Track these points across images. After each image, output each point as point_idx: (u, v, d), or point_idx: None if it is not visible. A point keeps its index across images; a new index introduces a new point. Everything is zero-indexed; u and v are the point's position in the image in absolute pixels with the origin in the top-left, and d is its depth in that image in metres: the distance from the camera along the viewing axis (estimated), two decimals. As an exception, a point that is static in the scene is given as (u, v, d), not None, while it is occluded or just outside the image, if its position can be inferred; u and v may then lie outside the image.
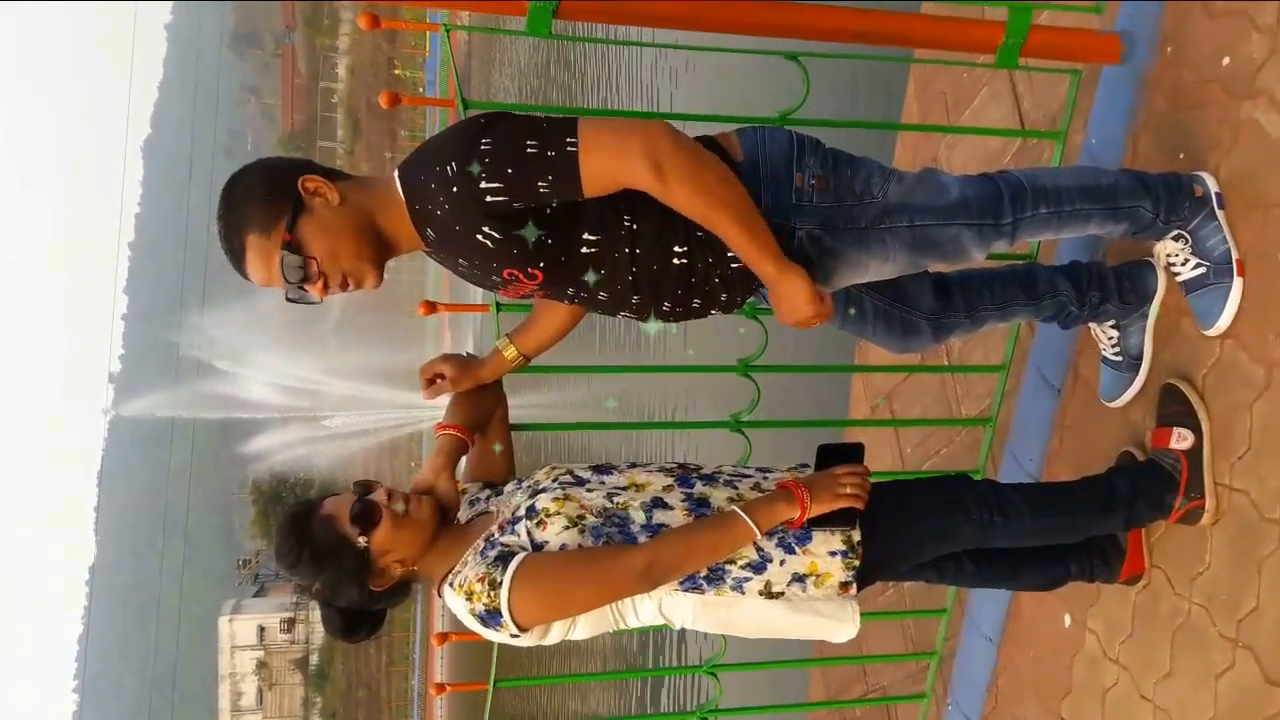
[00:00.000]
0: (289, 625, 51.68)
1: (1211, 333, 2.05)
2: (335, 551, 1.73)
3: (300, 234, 1.66)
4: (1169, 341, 2.20)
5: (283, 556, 1.76)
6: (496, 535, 1.76)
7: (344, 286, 1.72)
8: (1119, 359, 2.27)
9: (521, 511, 1.76)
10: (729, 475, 1.87)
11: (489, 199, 1.59)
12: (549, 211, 1.65)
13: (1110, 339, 2.27)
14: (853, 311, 2.05)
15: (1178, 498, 2.04)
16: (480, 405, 2.07)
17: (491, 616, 1.67)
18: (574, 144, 1.57)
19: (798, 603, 1.78)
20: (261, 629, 52.44)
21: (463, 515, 1.91)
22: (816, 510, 1.73)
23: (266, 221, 1.66)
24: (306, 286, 1.69)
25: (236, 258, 1.70)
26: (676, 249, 1.72)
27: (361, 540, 1.73)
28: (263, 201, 1.66)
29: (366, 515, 1.74)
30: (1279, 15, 1.96)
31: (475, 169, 1.57)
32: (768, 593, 1.75)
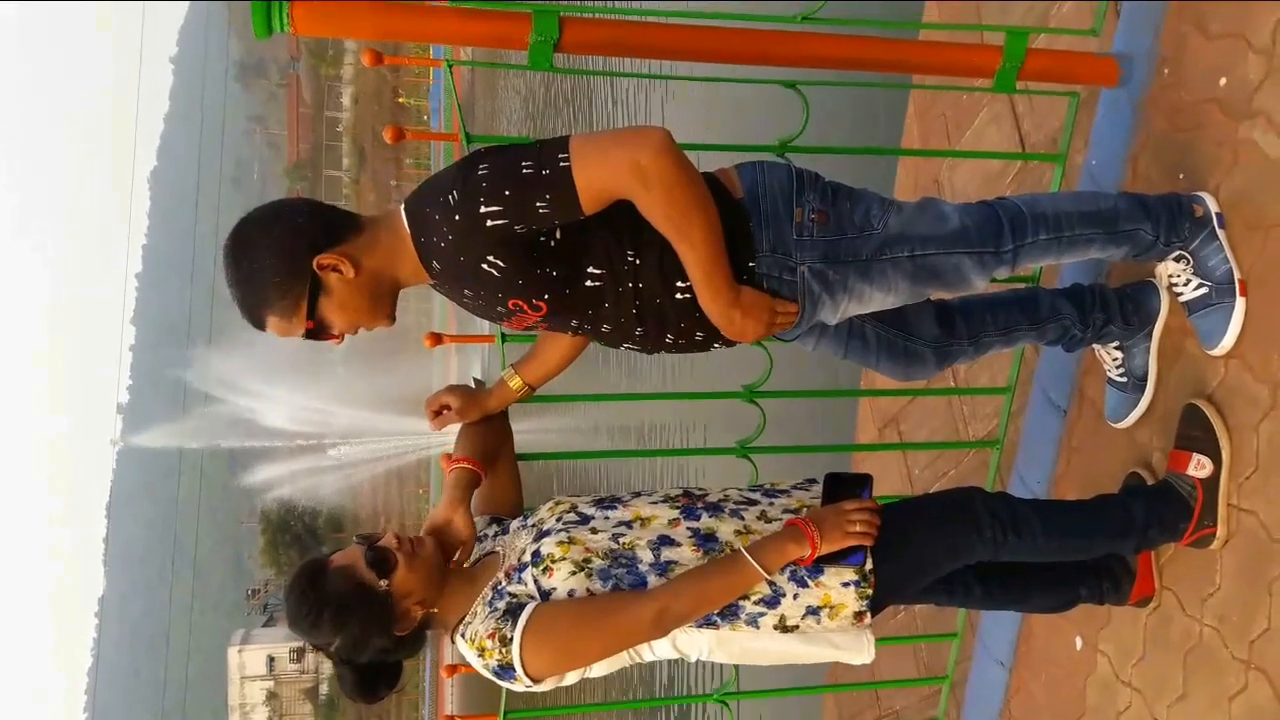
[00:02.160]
0: (299, 655, 51.41)
1: (1216, 353, 2.04)
2: (357, 601, 1.70)
3: (321, 314, 1.70)
4: (1174, 362, 2.20)
5: (302, 618, 1.71)
6: (504, 584, 1.75)
7: (356, 332, 1.77)
8: (1124, 380, 2.27)
9: (527, 557, 1.75)
10: (735, 504, 1.86)
11: (490, 223, 1.59)
12: (554, 243, 1.66)
13: (1115, 360, 2.27)
14: (855, 342, 2.05)
15: (1191, 524, 2.02)
16: (489, 437, 2.07)
17: (505, 671, 1.67)
18: (566, 159, 1.57)
19: (812, 634, 1.78)
20: (271, 659, 52.20)
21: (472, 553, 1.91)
22: (826, 549, 1.72)
23: (286, 308, 1.68)
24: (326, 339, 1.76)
25: (256, 327, 1.73)
26: (679, 284, 1.73)
27: (383, 584, 1.71)
28: (280, 287, 1.67)
29: (383, 559, 1.73)
30: (1274, 36, 1.97)
31: (475, 195, 1.59)
32: (782, 626, 1.75)
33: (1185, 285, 2.07)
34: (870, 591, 1.76)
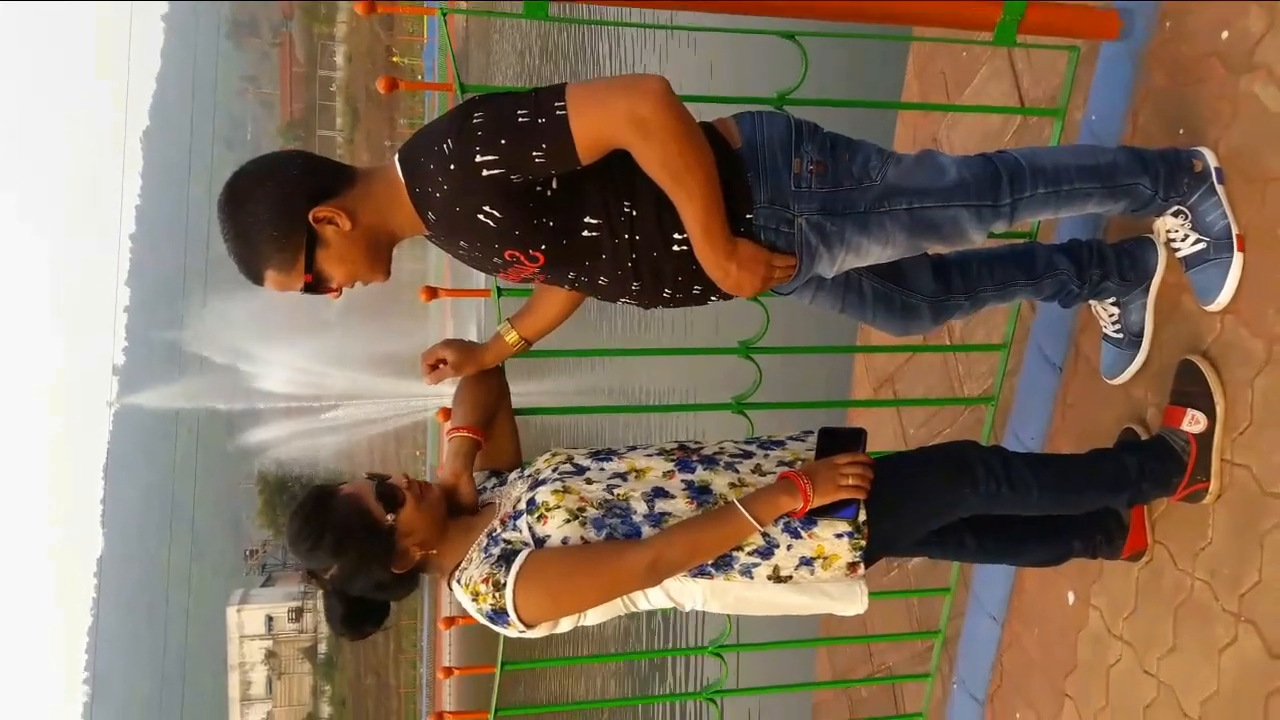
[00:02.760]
0: (297, 614, 51.91)
1: (1212, 308, 2.04)
2: (360, 531, 1.72)
3: (319, 267, 1.69)
4: (1170, 318, 2.20)
5: (303, 540, 1.74)
6: (499, 531, 1.77)
7: (354, 285, 1.76)
8: (1120, 336, 2.27)
9: (523, 505, 1.77)
10: (730, 456, 1.87)
11: (485, 172, 1.58)
12: (550, 193, 1.65)
13: (1111, 316, 2.27)
14: (852, 296, 2.05)
15: (1184, 478, 2.04)
16: (486, 397, 2.07)
17: (499, 616, 1.69)
18: (563, 107, 1.55)
19: (806, 585, 1.80)
20: (270, 619, 52.69)
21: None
22: (819, 501, 1.73)
23: (284, 262, 1.67)
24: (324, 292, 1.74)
25: (254, 282, 1.71)
26: (676, 236, 1.72)
27: (389, 518, 1.74)
28: (277, 241, 1.65)
29: (393, 494, 1.76)
30: (1277, -12, 1.95)
31: (470, 144, 1.57)
32: (776, 577, 1.77)
33: (1183, 241, 2.06)
34: (863, 543, 1.77)
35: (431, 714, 2.58)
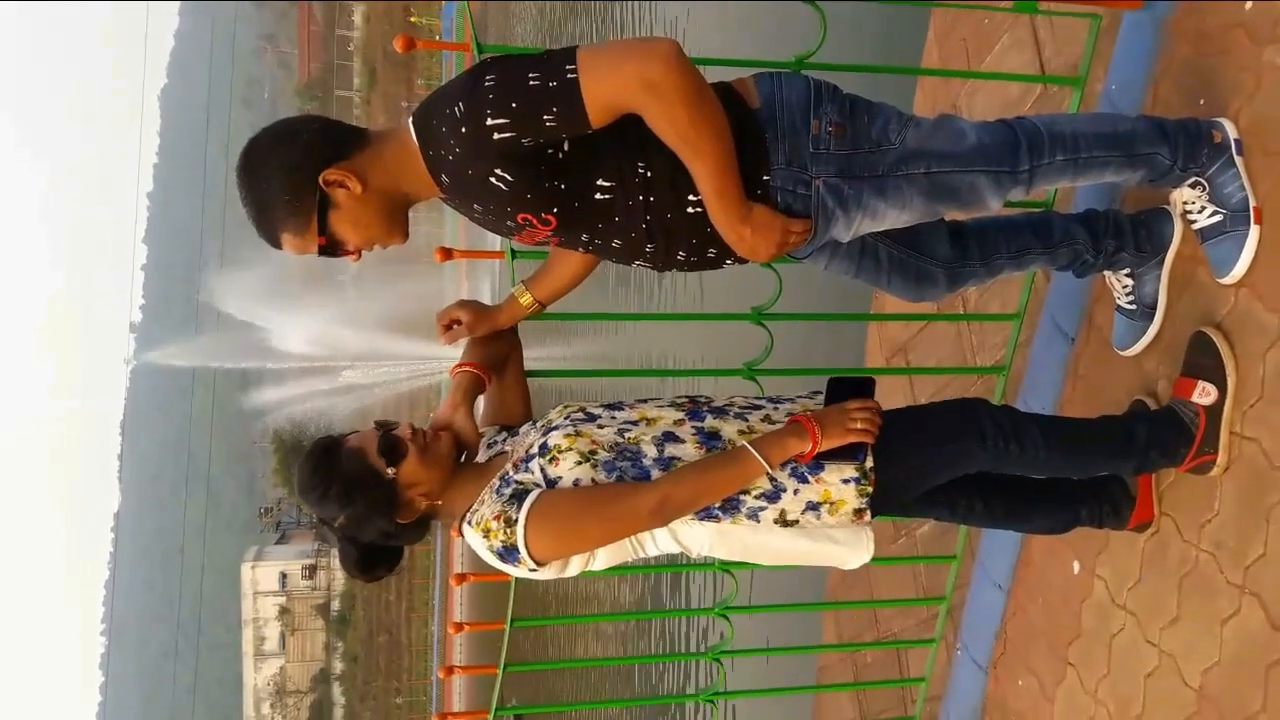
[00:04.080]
0: (310, 572, 52.43)
1: (1227, 281, 2.04)
2: (364, 483, 1.77)
3: (332, 230, 1.71)
4: (1184, 290, 2.19)
5: (310, 490, 1.79)
6: (511, 473, 1.80)
7: (372, 248, 1.79)
8: (1133, 307, 2.27)
9: (535, 449, 1.80)
10: (740, 408, 1.89)
11: (496, 136, 1.58)
12: (562, 156, 1.65)
13: (1125, 287, 2.27)
14: (868, 261, 2.05)
15: (1192, 449, 2.04)
16: (496, 347, 2.10)
17: (509, 552, 1.71)
18: (574, 71, 1.54)
19: (813, 530, 1.82)
20: (283, 575, 53.23)
21: (481, 457, 1.95)
22: (827, 445, 1.75)
23: (299, 225, 1.70)
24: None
25: (272, 245, 1.75)
26: (691, 197, 1.72)
27: (390, 471, 1.77)
28: (289, 205, 1.68)
29: (394, 447, 1.79)
30: (1304, -42, 1.93)
31: (481, 107, 1.57)
32: (783, 521, 1.79)
33: (1200, 212, 2.05)
34: (870, 489, 1.80)
35: (441, 667, 2.63)
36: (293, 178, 1.67)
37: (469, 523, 1.79)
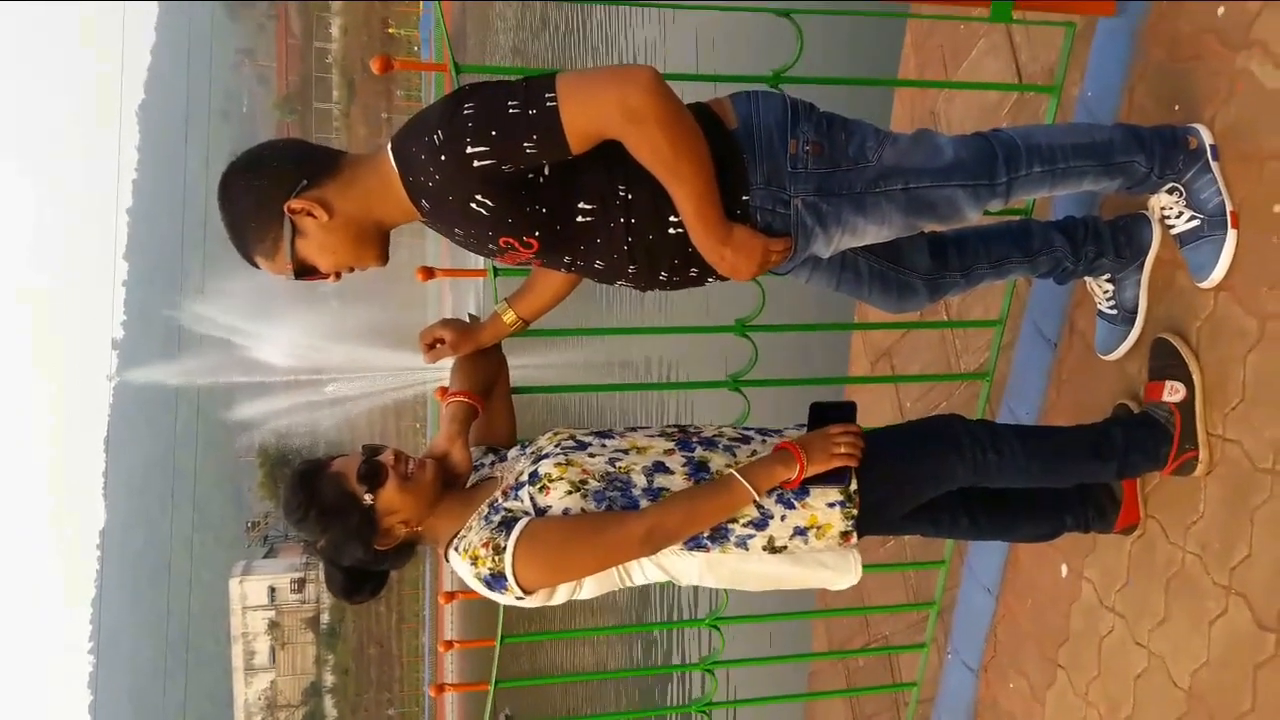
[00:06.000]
0: (299, 585, 52.18)
1: (1206, 285, 2.05)
2: (342, 509, 1.77)
3: (301, 256, 1.72)
4: (1164, 294, 2.21)
5: (291, 511, 1.79)
6: (500, 500, 1.79)
7: (351, 270, 1.80)
8: (1114, 312, 2.28)
9: (525, 477, 1.79)
10: (729, 440, 1.90)
11: (476, 164, 1.58)
12: (543, 180, 1.65)
13: (1105, 293, 2.28)
14: (848, 274, 2.06)
15: (1172, 449, 2.06)
16: (484, 369, 2.09)
17: (496, 580, 1.71)
18: (553, 99, 1.55)
19: (801, 555, 1.83)
20: (272, 589, 52.96)
21: (468, 480, 1.94)
22: (813, 470, 1.77)
23: (269, 251, 1.72)
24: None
25: (251, 266, 1.77)
26: (672, 219, 1.72)
27: (368, 498, 1.77)
28: (257, 232, 1.71)
29: (373, 474, 1.78)
30: (1273, -36, 1.94)
31: (461, 135, 1.57)
32: (771, 548, 1.80)
33: (1177, 218, 2.07)
34: (855, 511, 1.81)
35: (432, 685, 2.62)
36: (259, 207, 1.69)
37: (455, 549, 1.79)
